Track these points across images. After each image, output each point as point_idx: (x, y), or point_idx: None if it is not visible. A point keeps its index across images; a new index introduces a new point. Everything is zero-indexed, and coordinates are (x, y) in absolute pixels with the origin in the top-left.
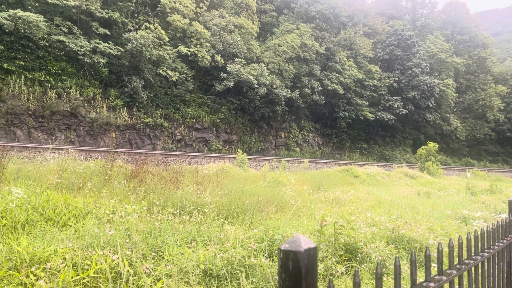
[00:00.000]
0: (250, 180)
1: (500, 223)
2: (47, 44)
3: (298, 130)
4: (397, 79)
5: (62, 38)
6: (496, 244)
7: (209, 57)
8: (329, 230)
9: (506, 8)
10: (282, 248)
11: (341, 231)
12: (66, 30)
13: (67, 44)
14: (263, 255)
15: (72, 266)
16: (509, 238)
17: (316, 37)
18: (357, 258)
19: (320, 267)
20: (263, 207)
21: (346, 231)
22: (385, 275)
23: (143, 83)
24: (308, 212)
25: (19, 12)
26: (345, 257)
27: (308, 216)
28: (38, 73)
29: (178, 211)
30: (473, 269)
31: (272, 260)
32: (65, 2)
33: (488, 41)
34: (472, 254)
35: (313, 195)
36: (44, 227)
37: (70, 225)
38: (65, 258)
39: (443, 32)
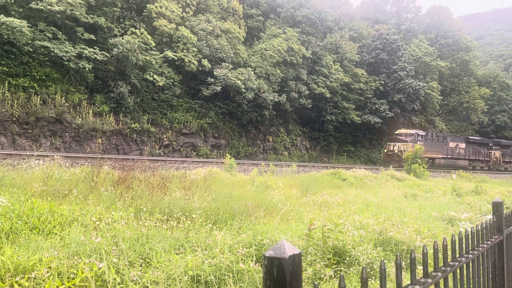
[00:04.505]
0: (238, 184)
1: (484, 224)
2: (31, 49)
3: (286, 134)
4: (383, 82)
5: (46, 43)
6: (481, 245)
7: (196, 62)
8: (317, 234)
9: (488, 12)
10: (267, 255)
11: (329, 234)
12: (50, 35)
13: (52, 49)
14: (252, 260)
15: (58, 275)
16: (493, 239)
17: (303, 41)
18: (346, 261)
19: (309, 271)
20: (252, 211)
21: (334, 235)
22: (373, 277)
23: (129, 88)
24: (297, 216)
25: (3, 18)
26: (333, 260)
27: (297, 220)
28: (22, 79)
29: (165, 217)
30: (458, 270)
31: (261, 265)
32: (49, 7)
33: (471, 44)
34: (457, 256)
35: (301, 199)
36: (28, 236)
37: (56, 233)
38: (50, 267)
39: (427, 36)
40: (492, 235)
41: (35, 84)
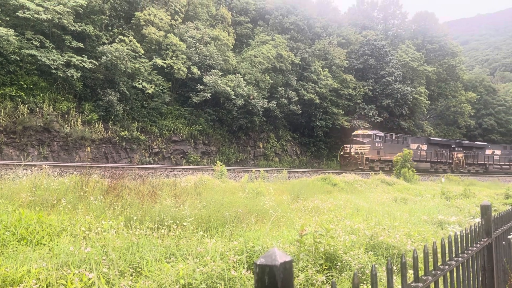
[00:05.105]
0: (229, 191)
1: (473, 227)
2: (18, 58)
3: (276, 140)
4: (371, 87)
5: (34, 52)
6: (470, 248)
7: (185, 69)
8: (309, 240)
9: (473, 17)
10: (258, 263)
11: (320, 240)
12: (38, 44)
13: (39, 58)
14: (243, 267)
15: (47, 287)
16: (482, 242)
17: (291, 48)
18: (337, 267)
19: (301, 277)
20: (243, 218)
21: (325, 240)
22: (364, 282)
23: (118, 96)
24: (288, 222)
25: None
26: (325, 266)
27: (288, 226)
28: (9, 88)
29: (156, 225)
30: (448, 274)
31: (252, 272)
32: (36, 16)
33: (457, 49)
34: (447, 260)
35: (293, 205)
36: (16, 247)
37: (44, 244)
38: (39, 279)
39: (414, 42)
40: (481, 238)
41: (23, 93)
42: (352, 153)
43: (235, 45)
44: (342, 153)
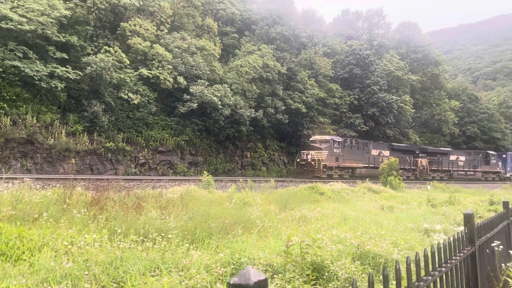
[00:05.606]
0: (216, 202)
1: (456, 236)
2: (0, 69)
3: (263, 149)
4: (357, 96)
5: (16, 63)
6: (454, 258)
7: (171, 79)
8: (296, 250)
9: (455, 27)
10: (231, 283)
11: (307, 250)
12: (21, 55)
13: (22, 69)
14: None
15: None
16: (465, 251)
17: (278, 58)
18: (324, 277)
19: None
20: (230, 229)
21: (312, 250)
22: None
23: (103, 107)
24: (275, 232)
25: None
26: (312, 276)
27: (275, 236)
28: None
29: (141, 238)
30: (432, 284)
31: None
32: (19, 26)
33: (440, 58)
34: (431, 270)
35: (280, 214)
36: None
37: (25, 260)
38: None
39: (398, 51)
40: (465, 246)
41: (5, 105)
42: (309, 160)
43: (222, 55)
44: (298, 160)
